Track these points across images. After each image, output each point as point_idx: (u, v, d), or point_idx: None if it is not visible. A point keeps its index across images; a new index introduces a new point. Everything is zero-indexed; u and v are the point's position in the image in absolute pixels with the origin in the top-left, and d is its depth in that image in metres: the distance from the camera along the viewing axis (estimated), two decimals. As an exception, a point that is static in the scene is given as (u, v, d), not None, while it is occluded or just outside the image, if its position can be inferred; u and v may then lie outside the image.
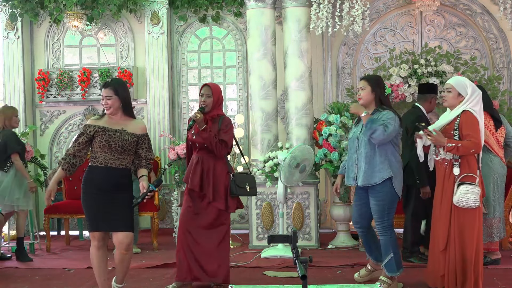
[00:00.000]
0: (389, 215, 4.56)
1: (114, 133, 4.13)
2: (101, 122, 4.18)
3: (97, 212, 4.12)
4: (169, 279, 5.06)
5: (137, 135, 4.20)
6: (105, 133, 4.12)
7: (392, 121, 4.41)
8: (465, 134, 4.25)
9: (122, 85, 4.28)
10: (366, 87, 4.55)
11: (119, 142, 4.12)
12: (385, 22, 7.47)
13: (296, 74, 6.52)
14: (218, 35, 7.89)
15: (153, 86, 7.67)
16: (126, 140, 4.14)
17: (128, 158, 4.19)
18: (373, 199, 4.53)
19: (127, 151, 4.16)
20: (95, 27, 7.86)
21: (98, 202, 4.11)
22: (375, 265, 4.82)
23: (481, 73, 6.90)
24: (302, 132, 6.52)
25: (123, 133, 4.16)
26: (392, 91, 6.63)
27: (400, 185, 4.54)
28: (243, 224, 7.48)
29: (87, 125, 4.18)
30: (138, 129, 4.24)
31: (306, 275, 2.47)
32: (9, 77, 7.83)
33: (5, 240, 6.83)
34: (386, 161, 4.44)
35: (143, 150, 4.23)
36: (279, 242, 2.92)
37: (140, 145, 4.23)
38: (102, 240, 4.23)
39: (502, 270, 5.23)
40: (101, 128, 4.14)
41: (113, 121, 4.20)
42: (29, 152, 6.53)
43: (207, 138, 4.59)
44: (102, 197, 4.10)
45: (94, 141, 4.15)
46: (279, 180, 5.98)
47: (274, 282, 4.99)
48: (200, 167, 4.66)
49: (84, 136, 4.14)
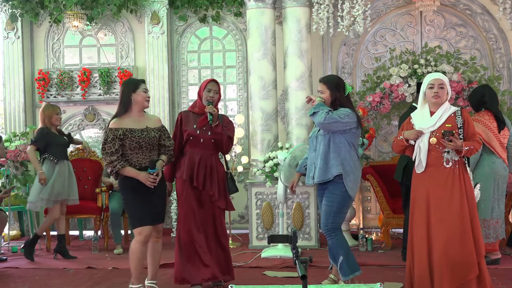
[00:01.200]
0: (336, 218, 4.40)
1: (141, 133, 4.28)
2: (126, 124, 4.28)
3: (143, 209, 4.28)
4: (169, 279, 5.05)
5: (158, 128, 4.40)
6: (133, 134, 4.25)
7: (343, 114, 4.34)
8: (473, 133, 4.13)
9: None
10: (325, 91, 4.48)
11: (148, 140, 4.28)
12: (385, 22, 7.47)
13: (296, 74, 6.53)
14: (218, 35, 7.89)
15: (153, 86, 7.66)
16: (153, 138, 4.33)
17: (156, 153, 4.38)
18: (325, 199, 4.45)
19: (155, 146, 4.34)
20: (95, 27, 7.86)
21: (142, 200, 4.27)
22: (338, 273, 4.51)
23: (481, 73, 6.90)
24: (302, 132, 6.52)
25: (149, 130, 4.31)
26: (392, 91, 6.64)
27: (354, 185, 4.42)
28: (243, 224, 7.48)
29: (114, 129, 4.24)
30: (157, 122, 4.45)
31: (306, 275, 2.47)
32: (9, 77, 7.83)
33: (5, 240, 6.83)
34: (338, 158, 4.37)
35: (165, 140, 4.42)
36: (279, 242, 2.92)
37: (162, 137, 4.40)
38: (149, 236, 4.35)
39: (502, 270, 5.23)
40: (128, 130, 4.25)
41: (134, 120, 4.32)
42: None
43: (221, 134, 4.58)
44: (144, 196, 4.27)
45: (123, 144, 4.25)
46: (279, 180, 5.99)
47: (274, 282, 4.99)
48: (204, 165, 4.59)
49: (117, 140, 4.22)
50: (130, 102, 4.31)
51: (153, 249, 4.47)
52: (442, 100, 4.15)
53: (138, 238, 4.31)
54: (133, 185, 4.25)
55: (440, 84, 4.14)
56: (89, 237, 7.41)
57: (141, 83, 4.39)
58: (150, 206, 4.29)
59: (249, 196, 6.63)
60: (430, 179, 4.13)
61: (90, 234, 7.46)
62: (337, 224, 4.43)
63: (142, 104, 4.34)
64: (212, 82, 4.67)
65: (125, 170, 4.21)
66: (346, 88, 4.50)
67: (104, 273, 5.46)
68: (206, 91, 4.62)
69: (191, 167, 4.60)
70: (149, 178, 4.22)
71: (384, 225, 6.33)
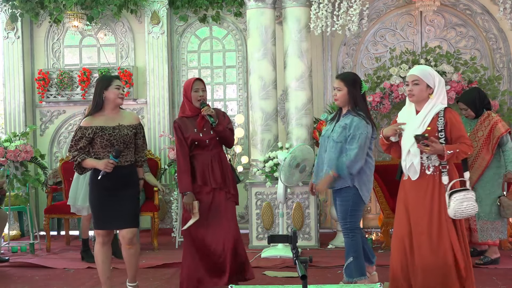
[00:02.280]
0: (352, 216, 4.35)
1: (113, 131, 4.16)
2: (97, 122, 4.19)
3: (103, 211, 4.17)
4: (169, 279, 5.05)
5: (134, 125, 4.28)
6: (104, 132, 4.14)
7: (357, 133, 4.23)
8: (458, 136, 3.78)
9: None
10: (343, 88, 4.35)
11: (120, 138, 4.16)
12: (385, 22, 7.47)
13: (296, 74, 6.52)
14: (218, 35, 7.89)
15: (153, 86, 7.66)
16: (126, 135, 4.19)
17: (131, 152, 4.25)
18: (338, 198, 4.43)
19: (129, 144, 4.21)
20: (95, 27, 7.86)
21: (106, 202, 4.16)
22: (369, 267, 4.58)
23: (481, 73, 6.90)
24: (302, 132, 6.52)
25: (121, 128, 4.20)
26: (392, 91, 6.64)
27: (368, 192, 4.38)
28: (243, 224, 7.46)
29: (84, 128, 4.16)
30: (133, 119, 4.32)
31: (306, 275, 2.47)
32: (9, 77, 7.83)
33: (5, 240, 6.83)
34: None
35: (140, 139, 4.32)
36: (279, 242, 2.92)
37: (137, 135, 4.29)
38: (107, 236, 4.27)
39: (502, 270, 5.22)
40: (99, 128, 4.15)
41: (108, 117, 4.22)
42: (29, 152, 6.53)
43: (223, 131, 4.42)
44: (110, 197, 4.16)
45: (94, 143, 4.16)
46: (279, 180, 5.98)
47: (274, 282, 4.99)
48: (217, 164, 4.42)
49: (84, 139, 4.14)
50: (102, 99, 4.22)
51: (126, 255, 4.32)
52: (418, 97, 3.85)
53: (97, 239, 4.28)
54: (99, 186, 4.16)
55: (414, 81, 3.85)
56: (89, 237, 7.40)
57: (114, 80, 4.26)
58: (113, 210, 4.16)
59: (249, 196, 6.63)
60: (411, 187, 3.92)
61: (90, 234, 7.44)
62: (354, 224, 4.37)
63: (114, 102, 4.23)
64: (197, 81, 4.46)
65: (86, 162, 4.14)
66: (362, 87, 4.39)
67: (104, 273, 5.46)
68: (194, 91, 4.41)
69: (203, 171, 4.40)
70: (108, 163, 4.09)
71: (384, 225, 6.32)
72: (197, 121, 4.39)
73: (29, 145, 6.63)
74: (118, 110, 4.29)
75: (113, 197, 4.16)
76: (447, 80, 6.65)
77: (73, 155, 4.16)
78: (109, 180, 4.13)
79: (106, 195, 4.16)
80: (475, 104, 5.51)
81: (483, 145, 5.42)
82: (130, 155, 4.24)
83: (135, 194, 4.31)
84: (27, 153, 6.48)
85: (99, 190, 4.18)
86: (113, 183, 4.15)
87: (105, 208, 4.17)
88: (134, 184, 4.29)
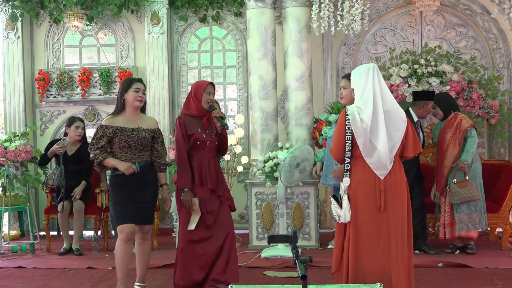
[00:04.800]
0: None
1: (131, 132, 4.28)
2: (118, 122, 4.30)
3: (127, 207, 4.27)
4: (169, 279, 5.04)
5: (152, 129, 4.40)
6: (123, 133, 4.25)
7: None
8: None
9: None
10: (348, 86, 4.36)
11: (138, 140, 4.28)
12: (385, 22, 7.47)
13: (296, 74, 6.52)
14: (218, 35, 7.89)
15: (153, 86, 7.67)
16: (144, 138, 4.32)
17: (148, 153, 4.37)
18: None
19: (146, 147, 4.34)
20: (95, 27, 7.86)
21: (128, 199, 4.27)
22: None
23: (481, 73, 6.91)
24: (302, 132, 6.52)
25: (140, 131, 4.31)
26: (392, 91, 6.64)
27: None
28: (243, 224, 7.48)
29: (105, 126, 4.27)
30: (152, 124, 4.45)
31: (306, 275, 2.48)
32: (9, 77, 7.83)
33: (5, 240, 6.83)
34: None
35: (158, 144, 4.42)
36: (279, 242, 2.93)
37: (155, 140, 4.41)
38: (131, 234, 4.32)
39: (502, 270, 5.22)
40: (119, 128, 4.26)
41: (128, 119, 4.32)
42: (29, 152, 6.53)
43: (226, 136, 4.57)
44: (131, 195, 4.28)
45: (113, 142, 4.27)
46: (279, 180, 5.98)
47: (274, 282, 4.98)
48: (213, 167, 4.47)
49: (105, 138, 4.24)
50: (122, 101, 4.32)
51: (139, 251, 4.46)
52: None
53: (120, 236, 4.30)
54: (121, 183, 4.26)
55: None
56: (89, 237, 7.41)
57: (134, 82, 4.33)
58: (136, 206, 4.28)
59: (249, 196, 6.63)
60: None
61: (90, 234, 7.46)
62: None
63: (132, 104, 4.30)
64: (210, 85, 4.54)
65: (107, 161, 4.24)
66: None
67: (104, 273, 5.46)
68: (206, 93, 4.47)
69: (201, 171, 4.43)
70: (131, 167, 4.20)
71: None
72: (203, 122, 4.45)
73: (29, 145, 6.63)
74: (139, 113, 4.39)
75: (135, 196, 4.28)
76: (447, 80, 6.66)
77: (95, 153, 4.25)
78: (127, 179, 4.24)
79: (127, 193, 4.27)
80: (443, 104, 5.84)
81: (450, 142, 5.72)
82: (146, 156, 4.37)
83: (154, 192, 4.45)
84: (27, 153, 6.48)
85: (122, 188, 4.28)
86: (131, 183, 4.26)
87: (128, 204, 4.27)
88: (151, 182, 4.40)
